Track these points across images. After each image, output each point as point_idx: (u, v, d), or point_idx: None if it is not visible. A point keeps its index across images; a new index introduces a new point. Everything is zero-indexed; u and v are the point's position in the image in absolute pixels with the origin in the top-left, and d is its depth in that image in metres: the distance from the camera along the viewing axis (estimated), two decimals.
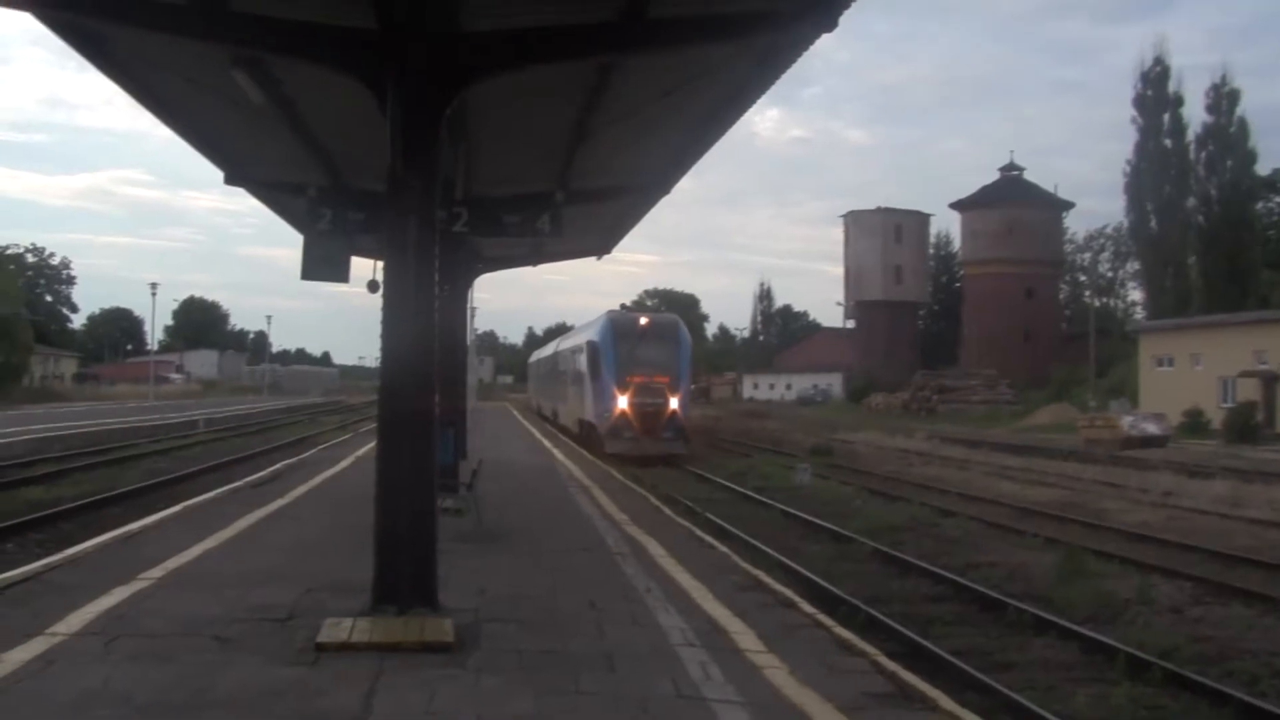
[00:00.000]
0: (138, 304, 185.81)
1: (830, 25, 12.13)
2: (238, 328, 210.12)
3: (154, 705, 8.14)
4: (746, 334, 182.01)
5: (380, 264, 11.89)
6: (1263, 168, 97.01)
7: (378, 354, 11.35)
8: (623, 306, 44.88)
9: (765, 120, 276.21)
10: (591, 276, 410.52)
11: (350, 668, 9.21)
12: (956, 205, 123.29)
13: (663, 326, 42.70)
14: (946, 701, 9.26)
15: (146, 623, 10.64)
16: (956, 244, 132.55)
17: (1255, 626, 15.18)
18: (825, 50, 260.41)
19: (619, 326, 41.80)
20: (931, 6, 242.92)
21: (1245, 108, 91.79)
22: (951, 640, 13.87)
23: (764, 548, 19.88)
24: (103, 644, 9.78)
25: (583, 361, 44.11)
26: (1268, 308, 73.49)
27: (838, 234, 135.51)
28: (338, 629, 10.17)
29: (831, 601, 15.18)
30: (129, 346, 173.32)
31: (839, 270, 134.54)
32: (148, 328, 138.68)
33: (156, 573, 13.04)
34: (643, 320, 43.07)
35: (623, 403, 39.46)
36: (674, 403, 39.94)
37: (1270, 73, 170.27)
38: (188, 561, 14.00)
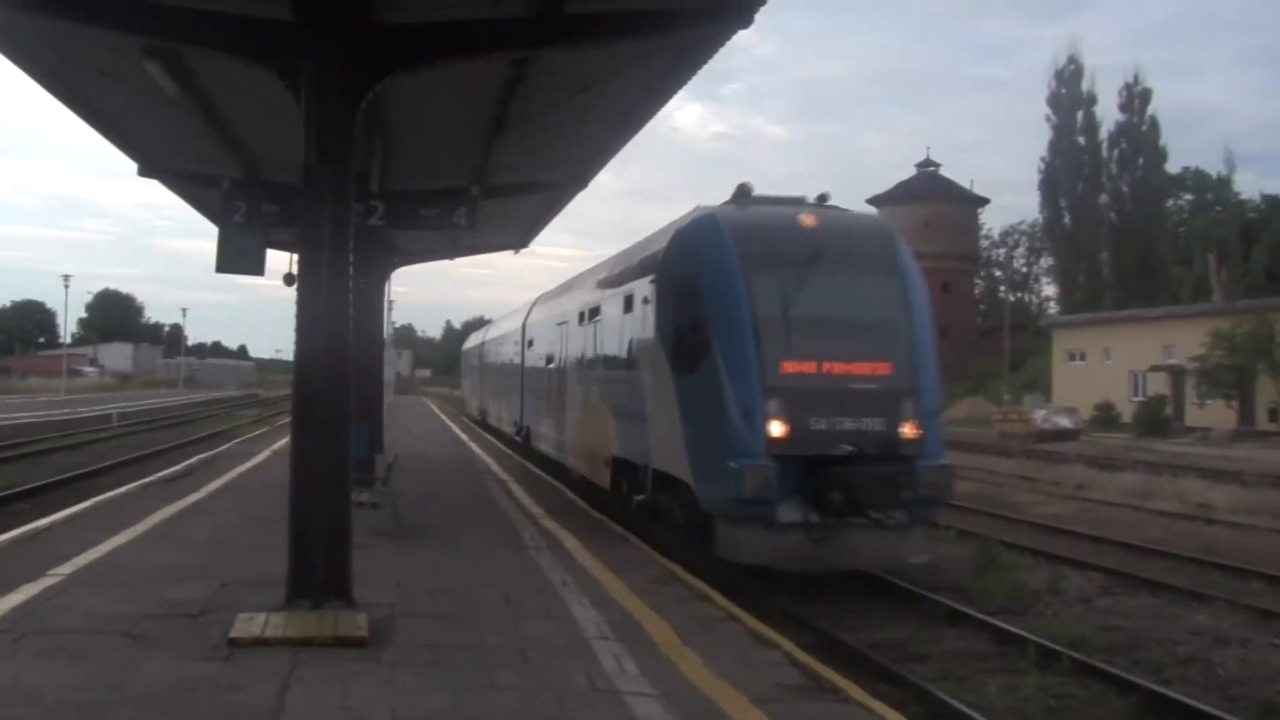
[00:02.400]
0: (50, 296, 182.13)
1: (746, 22, 12.21)
2: (153, 320, 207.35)
3: (64, 703, 8.06)
4: None
5: (296, 257, 11.82)
6: (1173, 166, 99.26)
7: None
8: (741, 190, 18.22)
9: (687, 116, 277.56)
10: (513, 269, 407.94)
11: (263, 663, 9.16)
12: (874, 200, 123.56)
13: (861, 236, 17.77)
14: (858, 692, 9.40)
15: (56, 619, 10.51)
16: None
17: (1162, 616, 15.53)
18: (746, 45, 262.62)
19: (751, 238, 16.70)
20: (852, 3, 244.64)
21: (1157, 107, 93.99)
22: (867, 632, 14.04)
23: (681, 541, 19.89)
24: (11, 642, 9.64)
25: (642, 326, 18.86)
26: (1177, 303, 74.95)
27: None
28: (251, 624, 10.12)
29: (747, 594, 15.29)
30: (41, 339, 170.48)
31: None
32: (60, 320, 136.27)
33: (67, 569, 12.87)
34: (804, 219, 17.13)
35: (776, 429, 15.39)
36: (908, 426, 15.86)
37: (1183, 72, 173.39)
38: (99, 557, 13.83)
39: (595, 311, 23.20)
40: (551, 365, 28.85)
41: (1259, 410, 57.13)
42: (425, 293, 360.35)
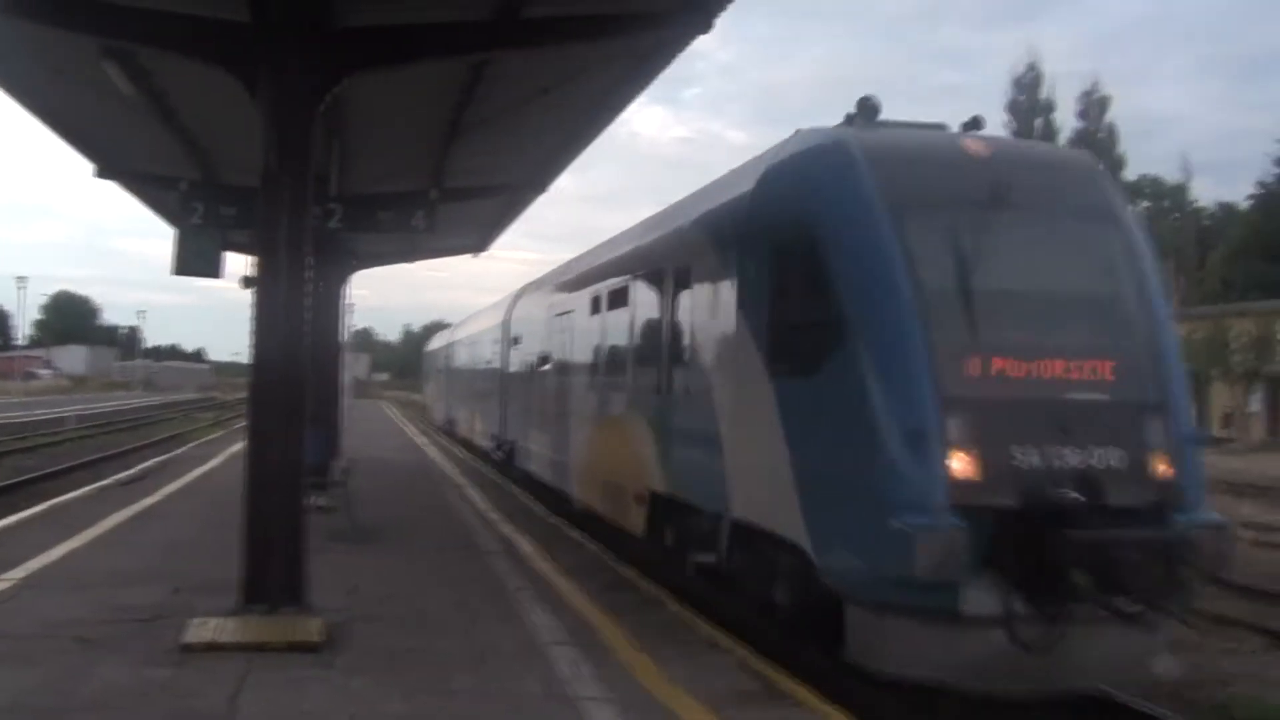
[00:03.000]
0: (5, 298, 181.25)
1: (705, 27, 12.26)
2: (109, 322, 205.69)
3: (16, 707, 8.02)
4: None
5: (254, 259, 11.78)
6: (1130, 173, 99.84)
7: None
8: (867, 104, 11.21)
9: (648, 120, 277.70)
10: (472, 273, 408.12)
11: (216, 668, 9.12)
12: None
13: (1058, 169, 11.48)
14: (812, 699, 9.40)
15: (8, 624, 10.44)
16: None
17: None
18: (707, 50, 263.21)
19: (899, 170, 10.44)
20: (813, 9, 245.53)
21: (1115, 114, 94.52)
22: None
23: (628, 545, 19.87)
24: None
25: (712, 306, 12.64)
26: None
27: None
28: (204, 629, 10.06)
29: (699, 601, 15.27)
30: None
31: None
32: (16, 322, 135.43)
33: (19, 573, 12.76)
34: (973, 145, 11.01)
35: (963, 467, 9.20)
36: (1159, 460, 9.78)
37: (1141, 80, 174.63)
38: (52, 562, 13.71)
39: (620, 294, 17.02)
40: (547, 367, 23.02)
41: (1213, 417, 57.65)
42: (383, 295, 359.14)
